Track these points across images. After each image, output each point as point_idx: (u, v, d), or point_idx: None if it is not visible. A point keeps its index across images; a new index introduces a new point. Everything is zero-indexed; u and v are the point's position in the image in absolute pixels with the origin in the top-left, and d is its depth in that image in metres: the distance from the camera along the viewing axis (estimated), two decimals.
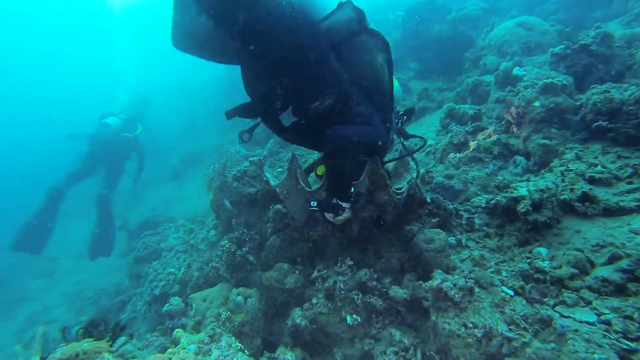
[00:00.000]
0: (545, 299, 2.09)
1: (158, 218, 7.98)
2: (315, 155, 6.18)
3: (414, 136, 3.13)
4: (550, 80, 3.45)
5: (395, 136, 3.13)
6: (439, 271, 2.55)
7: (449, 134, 4.36)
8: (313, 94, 2.36)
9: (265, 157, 3.67)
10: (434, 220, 3.02)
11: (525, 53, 5.50)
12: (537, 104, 3.47)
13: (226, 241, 3.39)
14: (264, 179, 3.10)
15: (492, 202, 2.88)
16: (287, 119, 2.58)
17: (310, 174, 3.27)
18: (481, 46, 6.53)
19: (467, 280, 2.21)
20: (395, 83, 2.88)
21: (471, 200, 3.37)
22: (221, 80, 14.67)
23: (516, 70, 4.78)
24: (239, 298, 3.00)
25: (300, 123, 2.56)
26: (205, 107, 16.64)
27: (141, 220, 8.05)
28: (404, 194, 2.77)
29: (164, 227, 6.36)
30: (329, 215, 2.60)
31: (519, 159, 3.49)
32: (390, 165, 3.65)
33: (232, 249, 3.30)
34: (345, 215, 2.60)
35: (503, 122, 4.04)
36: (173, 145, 14.48)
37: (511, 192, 2.87)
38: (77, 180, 7.35)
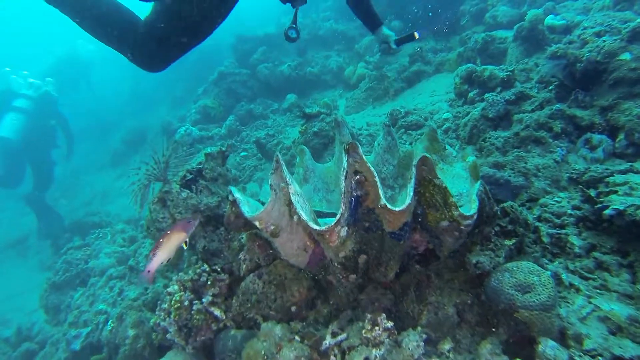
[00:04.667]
0: None
1: (93, 218, 6.42)
2: (295, 134, 4.90)
3: None
4: None
5: None
6: (553, 345, 1.48)
7: (481, 105, 3.25)
8: None
9: (228, 145, 2.37)
10: (509, 243, 1.93)
11: None
12: (626, 56, 2.40)
13: (175, 286, 2.12)
14: (230, 198, 1.84)
15: (608, 212, 1.81)
16: None
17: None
18: None
19: None
20: None
21: (540, 201, 2.30)
22: None
23: (550, 20, 3.71)
24: None
25: None
26: (150, 76, 14.60)
27: (71, 221, 6.45)
28: (475, 217, 1.62)
29: (96, 234, 4.91)
30: None
31: (598, 137, 2.45)
32: (419, 149, 2.50)
33: (186, 302, 2.05)
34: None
35: (552, 87, 2.97)
36: (113, 122, 12.48)
37: (619, 195, 1.82)
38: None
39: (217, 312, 2.10)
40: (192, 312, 2.05)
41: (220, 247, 2.35)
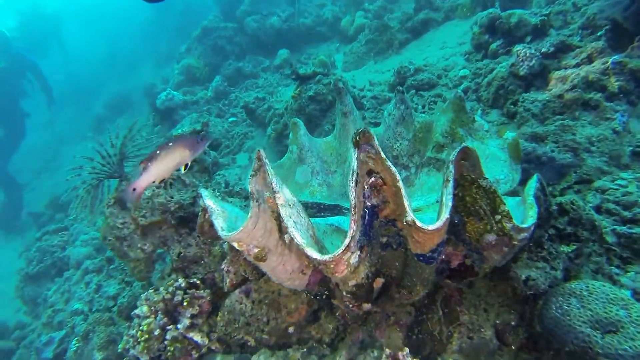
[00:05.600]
0: None
1: (77, 192, 5.95)
2: (288, 95, 4.33)
3: None
4: None
5: None
6: None
7: (508, 60, 2.69)
8: None
9: (204, 123, 1.88)
10: (567, 250, 1.49)
11: None
12: None
13: (144, 308, 1.71)
14: (201, 204, 1.37)
15: None
16: None
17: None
18: None
19: None
20: None
21: (595, 184, 1.84)
22: None
23: None
24: None
25: None
26: (131, 35, 13.58)
27: (53, 196, 6.00)
28: (533, 229, 1.17)
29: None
30: None
31: None
32: (442, 122, 2.01)
33: (157, 330, 1.65)
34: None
35: (601, 33, 2.42)
36: (93, 85, 11.68)
37: None
38: None
39: (197, 337, 1.71)
40: (166, 341, 1.65)
41: (199, 252, 1.92)
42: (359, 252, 1.18)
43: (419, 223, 1.09)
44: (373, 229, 1.22)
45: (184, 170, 1.33)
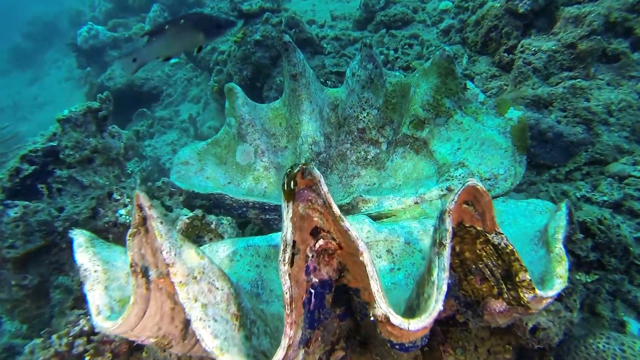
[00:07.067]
0: None
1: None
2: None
3: None
4: None
5: None
6: None
7: None
8: None
9: (103, 99, 1.28)
10: (586, 280, 1.14)
11: None
12: None
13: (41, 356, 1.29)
14: (74, 255, 0.86)
15: None
16: None
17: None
18: None
19: None
20: None
21: (612, 168, 1.46)
22: None
23: None
24: None
25: None
26: None
27: None
28: (555, 297, 0.77)
29: None
30: None
31: None
32: (422, 94, 1.53)
33: None
34: None
35: None
36: (6, 7, 9.90)
37: None
38: None
39: None
40: None
41: None
42: (304, 349, 0.77)
43: (395, 320, 0.67)
44: (324, 308, 0.80)
45: (196, 52, 1.27)
